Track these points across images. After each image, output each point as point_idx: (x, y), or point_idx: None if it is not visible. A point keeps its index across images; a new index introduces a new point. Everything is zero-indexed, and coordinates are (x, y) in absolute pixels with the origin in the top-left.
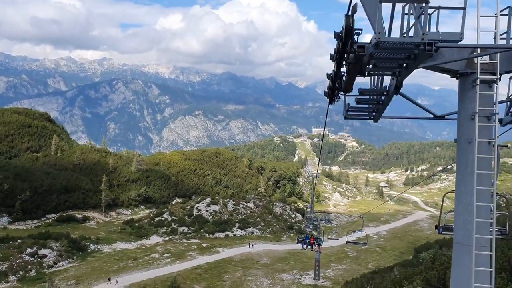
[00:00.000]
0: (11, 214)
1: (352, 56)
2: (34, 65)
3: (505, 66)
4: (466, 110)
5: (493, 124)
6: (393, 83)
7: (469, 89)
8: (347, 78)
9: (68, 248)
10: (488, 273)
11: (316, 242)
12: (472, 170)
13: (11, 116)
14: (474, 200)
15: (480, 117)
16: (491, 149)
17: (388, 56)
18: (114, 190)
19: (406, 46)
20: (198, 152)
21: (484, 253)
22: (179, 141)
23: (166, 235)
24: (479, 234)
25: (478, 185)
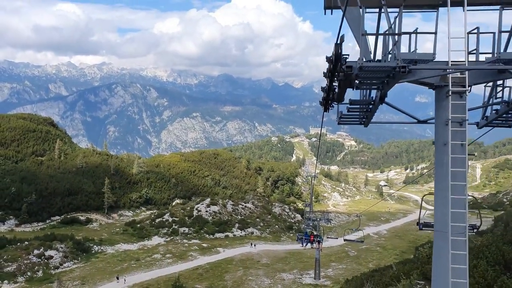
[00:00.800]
0: (17, 217)
1: (342, 74)
2: (36, 71)
3: (474, 79)
4: (442, 117)
5: (464, 129)
6: (378, 95)
7: (444, 99)
8: (339, 91)
9: (73, 250)
10: (463, 256)
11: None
12: (447, 169)
13: (16, 121)
14: (449, 194)
15: (453, 123)
16: (463, 150)
17: (371, 75)
18: (116, 192)
19: (385, 69)
20: (197, 154)
21: (459, 239)
22: (178, 143)
23: (167, 236)
24: (454, 223)
25: (452, 181)
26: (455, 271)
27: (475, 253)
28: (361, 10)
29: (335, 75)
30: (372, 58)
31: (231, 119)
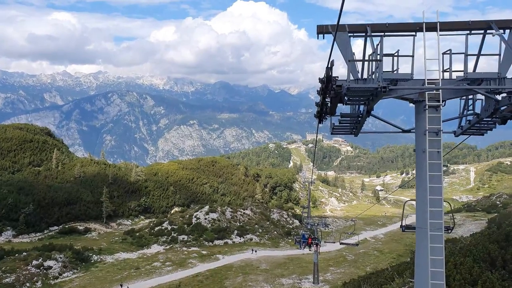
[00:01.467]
0: (15, 228)
1: (333, 92)
2: (31, 81)
3: (447, 95)
4: (421, 128)
5: (439, 138)
6: (365, 109)
7: (422, 112)
8: (331, 106)
9: (72, 259)
10: (440, 248)
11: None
12: (426, 172)
13: (13, 132)
14: (427, 195)
15: (430, 133)
16: (439, 157)
17: (358, 94)
18: (114, 201)
19: (368, 89)
20: (195, 161)
21: (436, 233)
22: (175, 150)
23: (167, 244)
24: (432, 220)
25: (430, 183)
26: (434, 262)
27: (463, 251)
28: (349, 39)
29: (327, 93)
30: (359, 77)
31: (228, 126)
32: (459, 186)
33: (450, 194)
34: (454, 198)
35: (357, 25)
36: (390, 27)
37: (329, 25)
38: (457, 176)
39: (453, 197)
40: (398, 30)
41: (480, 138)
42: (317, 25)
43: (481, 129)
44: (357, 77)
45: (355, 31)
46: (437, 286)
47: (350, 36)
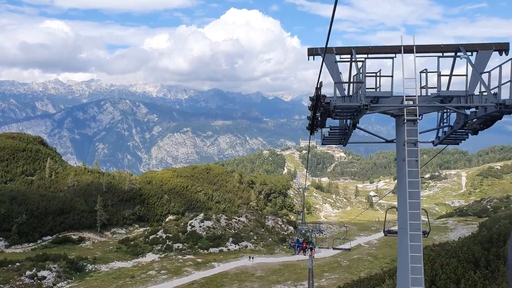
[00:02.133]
0: (8, 238)
1: (322, 108)
2: (22, 89)
3: (423, 110)
4: (400, 139)
5: (417, 148)
6: (351, 123)
7: (401, 125)
8: (321, 120)
9: (66, 269)
10: (419, 246)
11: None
12: (406, 179)
13: (5, 141)
14: (407, 199)
15: (409, 143)
16: (417, 165)
17: (344, 110)
18: (108, 210)
19: (352, 108)
20: (189, 169)
21: (415, 233)
22: (168, 158)
23: (162, 252)
24: (412, 221)
25: (409, 188)
26: (413, 259)
27: (450, 253)
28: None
29: (317, 109)
30: (346, 94)
31: (222, 134)
32: (451, 191)
33: (442, 199)
34: (447, 203)
35: (343, 48)
36: (372, 50)
37: (318, 48)
38: (449, 181)
39: (445, 202)
40: (379, 52)
41: (471, 143)
42: (308, 48)
43: (456, 139)
44: (344, 94)
45: (342, 53)
46: (417, 279)
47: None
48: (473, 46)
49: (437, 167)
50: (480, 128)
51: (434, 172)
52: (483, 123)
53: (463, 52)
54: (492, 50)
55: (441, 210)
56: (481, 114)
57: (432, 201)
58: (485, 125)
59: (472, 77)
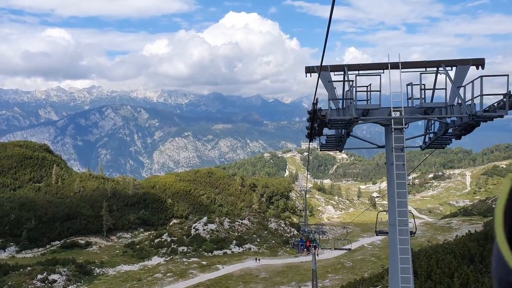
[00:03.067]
0: (18, 243)
1: (319, 120)
2: (26, 97)
3: (409, 119)
4: (389, 145)
5: (403, 154)
6: (345, 131)
7: (390, 133)
8: (318, 129)
9: (75, 273)
10: (406, 240)
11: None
12: (394, 181)
13: (13, 149)
14: (395, 198)
15: (396, 149)
16: (403, 168)
17: (337, 122)
18: (114, 215)
19: (344, 120)
20: (192, 173)
21: (403, 228)
22: (170, 163)
23: (167, 256)
24: (400, 217)
25: (397, 189)
26: (402, 251)
27: (447, 250)
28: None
29: (315, 121)
30: (340, 106)
31: (223, 137)
32: (455, 190)
33: (446, 199)
34: (451, 202)
35: (337, 66)
36: (362, 67)
37: (314, 66)
38: (453, 180)
39: (449, 201)
40: (369, 69)
41: (476, 142)
42: (305, 66)
43: (441, 144)
44: (338, 107)
45: (336, 70)
46: (405, 269)
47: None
48: (452, 62)
49: (441, 167)
50: (462, 134)
51: (437, 172)
52: (463, 130)
53: (443, 68)
54: (469, 65)
55: (445, 210)
56: (458, 123)
57: (436, 201)
58: (465, 131)
59: (452, 90)
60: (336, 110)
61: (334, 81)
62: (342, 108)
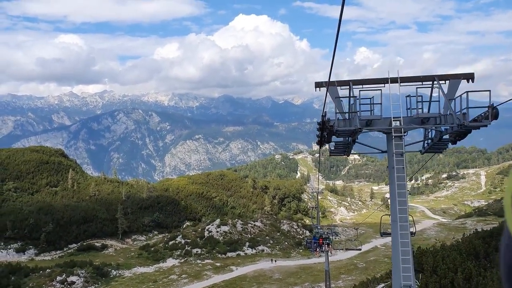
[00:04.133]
0: (37, 246)
1: (327, 130)
2: (39, 103)
3: (407, 128)
4: (390, 151)
5: (403, 158)
6: (351, 139)
7: (390, 140)
8: (327, 137)
9: (93, 274)
10: (407, 234)
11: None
12: (395, 182)
13: (30, 154)
14: (396, 197)
15: (396, 154)
16: (403, 171)
17: (344, 132)
18: (128, 218)
19: (349, 130)
20: (204, 176)
21: (404, 224)
22: (181, 165)
23: (181, 257)
24: (400, 214)
25: (398, 189)
26: (403, 244)
27: (453, 247)
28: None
29: (324, 130)
30: (347, 117)
31: (234, 139)
32: (470, 190)
33: (461, 199)
34: (466, 203)
35: (343, 81)
36: (366, 82)
37: (323, 81)
38: (468, 180)
39: (464, 201)
40: (372, 83)
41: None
42: (315, 82)
43: (439, 148)
44: (345, 117)
45: (342, 85)
46: (405, 259)
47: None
48: (445, 76)
49: (455, 167)
50: (456, 139)
51: (451, 172)
52: (457, 136)
53: (437, 82)
54: (460, 79)
55: (460, 210)
56: (450, 131)
57: (451, 202)
58: (459, 137)
59: (445, 102)
60: (343, 121)
61: (341, 97)
62: (348, 119)
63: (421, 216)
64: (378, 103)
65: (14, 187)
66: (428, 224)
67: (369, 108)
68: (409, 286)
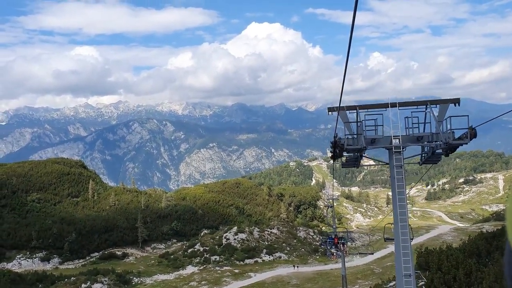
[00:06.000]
0: (61, 255)
1: (339, 148)
2: (55, 115)
3: (405, 144)
4: (392, 163)
5: (402, 170)
6: (359, 154)
7: (391, 154)
8: (339, 153)
9: (116, 282)
10: (406, 232)
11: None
12: (396, 191)
13: (51, 166)
14: (397, 203)
15: (396, 167)
16: (403, 180)
17: (352, 149)
18: (148, 227)
19: (357, 148)
20: (220, 184)
21: (403, 224)
22: (196, 174)
23: (200, 265)
24: (401, 216)
25: (398, 195)
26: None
27: (459, 248)
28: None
29: (336, 148)
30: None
31: (248, 147)
32: (488, 195)
33: (478, 204)
34: (484, 207)
35: (351, 106)
36: (370, 106)
37: (334, 106)
38: (485, 185)
39: (482, 206)
40: (375, 108)
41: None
42: (328, 107)
43: (435, 160)
44: (354, 136)
45: (350, 109)
46: (406, 258)
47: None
48: (436, 101)
49: (472, 171)
50: (448, 153)
51: (468, 176)
52: (448, 149)
53: (429, 106)
54: (448, 104)
55: (478, 215)
56: (439, 147)
57: (468, 206)
58: (450, 151)
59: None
60: (352, 139)
61: (350, 122)
62: (356, 138)
63: (438, 221)
64: (380, 125)
65: (37, 198)
66: (445, 229)
67: (373, 128)
68: (408, 275)
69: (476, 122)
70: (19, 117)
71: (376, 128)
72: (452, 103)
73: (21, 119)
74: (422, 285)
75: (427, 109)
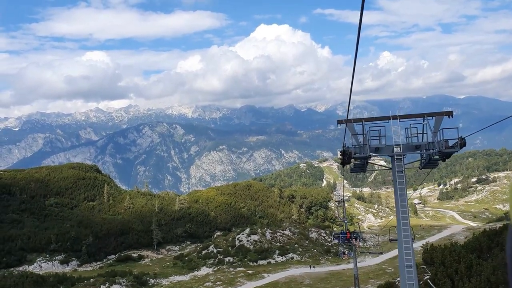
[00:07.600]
0: (79, 258)
1: (347, 156)
2: (67, 120)
3: (405, 152)
4: (394, 169)
5: (403, 174)
6: (365, 161)
7: (394, 161)
8: (348, 160)
9: (133, 283)
10: (407, 229)
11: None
12: (398, 193)
13: (67, 171)
14: (399, 205)
15: (398, 172)
16: (404, 183)
17: (359, 157)
18: (162, 229)
19: (362, 157)
20: (231, 186)
21: (405, 221)
22: (207, 176)
23: (214, 266)
24: (403, 215)
25: (399, 197)
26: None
27: (462, 244)
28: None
29: (345, 156)
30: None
31: (257, 149)
32: (502, 194)
33: (492, 203)
34: (497, 206)
35: (358, 119)
36: (374, 119)
37: (343, 119)
38: (498, 184)
39: (496, 205)
40: (379, 120)
41: None
42: (337, 120)
43: (433, 165)
44: (360, 145)
45: (357, 122)
46: (407, 251)
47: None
48: (432, 114)
49: (485, 170)
50: (444, 158)
51: (481, 176)
52: (443, 155)
53: (426, 119)
54: (443, 116)
55: (491, 215)
56: (435, 154)
57: (481, 206)
58: (446, 157)
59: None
60: (358, 148)
61: (355, 134)
62: (363, 147)
63: (450, 221)
64: (383, 136)
65: (55, 203)
66: (457, 229)
67: (377, 138)
68: (410, 266)
69: (489, 121)
70: (31, 123)
71: (380, 138)
72: (446, 115)
73: (34, 125)
74: (427, 278)
75: (424, 121)
